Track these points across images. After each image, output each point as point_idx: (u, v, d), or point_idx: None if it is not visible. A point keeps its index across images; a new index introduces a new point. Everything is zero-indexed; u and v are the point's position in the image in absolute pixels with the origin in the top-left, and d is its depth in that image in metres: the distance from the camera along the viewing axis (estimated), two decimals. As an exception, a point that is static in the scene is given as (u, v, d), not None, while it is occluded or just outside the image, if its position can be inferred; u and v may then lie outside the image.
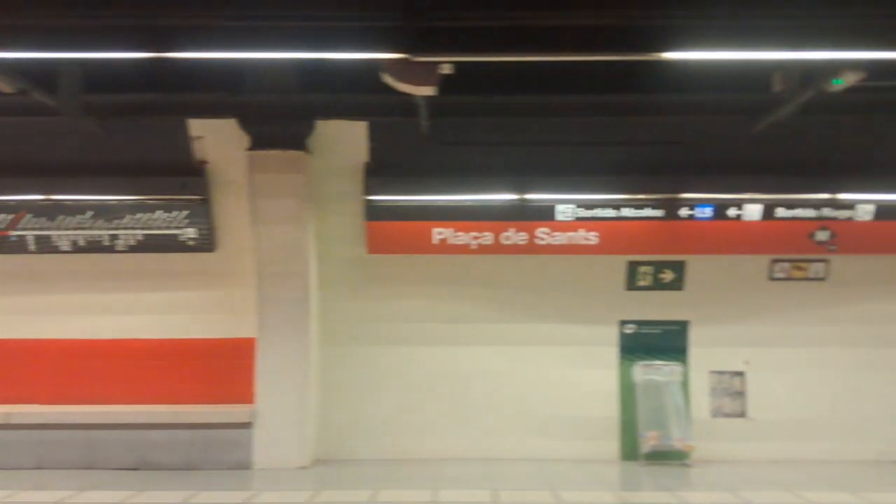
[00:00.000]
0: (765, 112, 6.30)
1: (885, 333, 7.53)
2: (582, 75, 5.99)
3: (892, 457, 7.43)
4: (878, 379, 7.55)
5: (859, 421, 7.52)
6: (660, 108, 6.67)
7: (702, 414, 7.59)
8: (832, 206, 7.13)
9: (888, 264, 7.46)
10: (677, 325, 7.67)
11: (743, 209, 7.13)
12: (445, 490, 6.01)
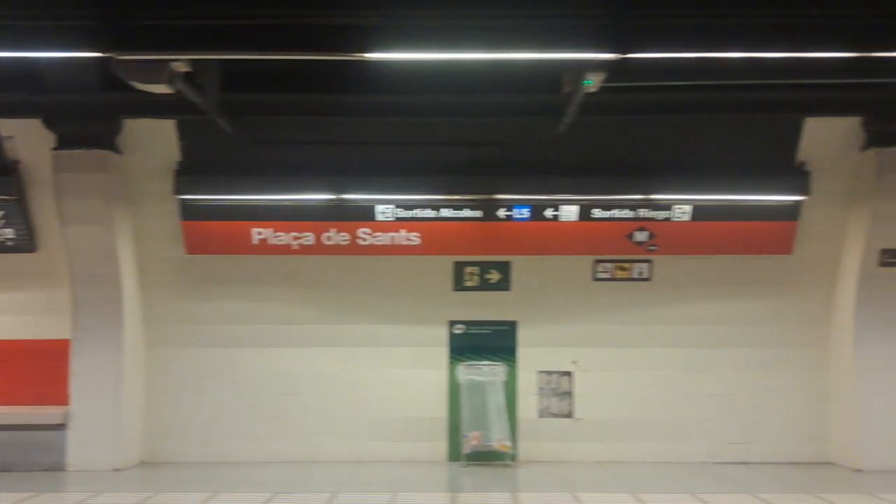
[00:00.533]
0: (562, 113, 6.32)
1: (711, 333, 7.55)
2: (394, 76, 6.00)
3: (718, 458, 7.44)
4: (705, 379, 7.56)
5: (686, 422, 7.53)
6: (471, 109, 6.67)
7: (529, 414, 7.58)
8: (649, 207, 7.16)
9: (711, 265, 7.49)
10: (506, 325, 7.65)
11: (560, 210, 7.15)
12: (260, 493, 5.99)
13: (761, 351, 7.52)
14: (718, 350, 7.56)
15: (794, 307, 7.48)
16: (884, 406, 6.99)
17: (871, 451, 6.96)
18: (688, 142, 7.05)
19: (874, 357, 7.02)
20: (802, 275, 7.43)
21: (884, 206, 6.84)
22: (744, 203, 7.11)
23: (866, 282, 7.03)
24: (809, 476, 6.85)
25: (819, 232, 7.28)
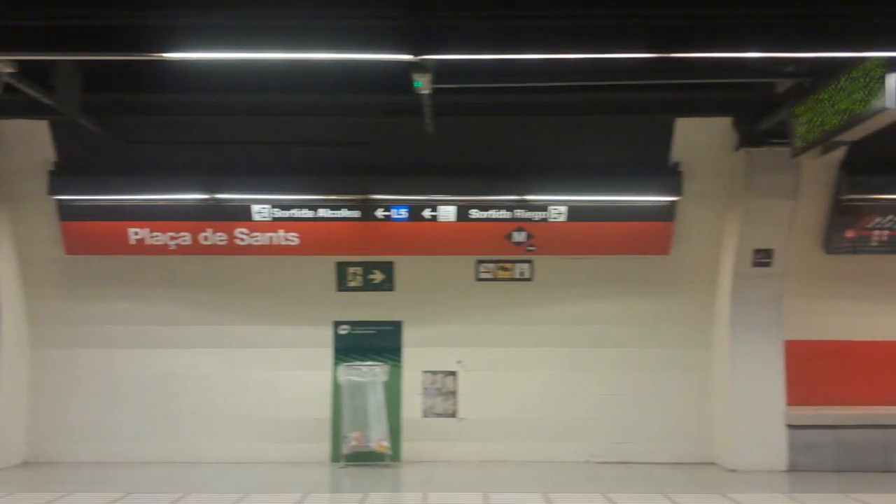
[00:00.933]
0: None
1: (594, 333, 7.56)
2: (263, 76, 5.98)
3: (601, 458, 7.45)
4: (589, 379, 7.57)
5: (569, 421, 7.54)
6: (341, 108, 6.65)
7: (413, 414, 7.59)
8: (525, 208, 7.16)
9: (593, 265, 7.50)
10: (391, 325, 7.65)
11: (438, 211, 7.16)
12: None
13: (644, 351, 7.53)
14: (602, 350, 7.57)
15: (675, 307, 7.50)
16: (757, 406, 7.00)
17: (744, 451, 6.98)
18: (563, 143, 7.06)
19: (748, 357, 7.04)
20: (682, 275, 7.45)
21: (754, 207, 6.86)
22: (619, 204, 7.12)
23: (741, 282, 7.05)
24: (677, 476, 6.85)
25: (696, 232, 7.30)
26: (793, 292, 7.34)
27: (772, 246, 6.98)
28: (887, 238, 7.19)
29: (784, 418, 7.00)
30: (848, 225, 7.16)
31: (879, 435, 7.00)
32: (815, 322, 7.41)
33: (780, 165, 6.79)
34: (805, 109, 5.57)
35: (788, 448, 6.99)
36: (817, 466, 6.96)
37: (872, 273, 7.37)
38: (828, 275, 7.39)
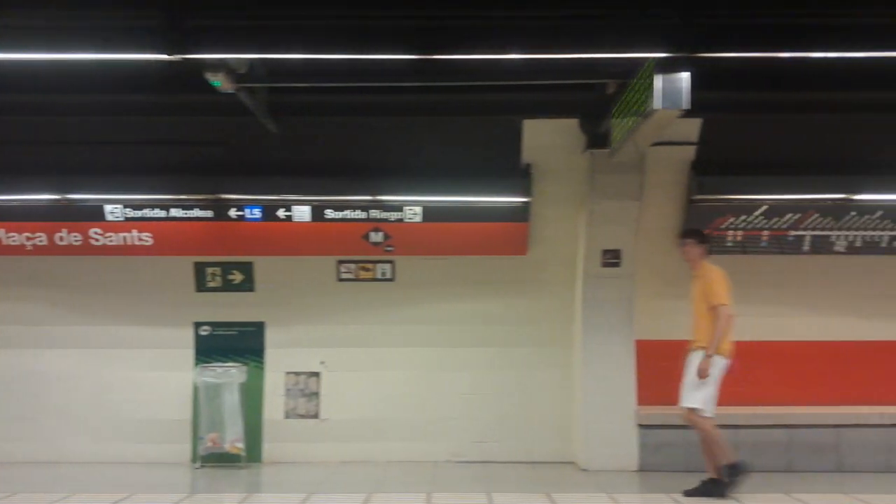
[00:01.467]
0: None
1: (457, 333, 7.57)
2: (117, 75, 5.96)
3: (463, 457, 7.47)
4: (453, 379, 7.57)
5: (433, 421, 7.55)
6: (187, 108, 6.63)
7: (276, 415, 7.58)
8: (380, 209, 7.17)
9: (455, 265, 7.52)
10: (253, 326, 7.63)
11: (292, 210, 7.15)
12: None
13: (507, 350, 7.55)
14: (465, 349, 7.58)
15: (536, 307, 7.53)
16: (608, 405, 7.03)
17: (596, 451, 7.01)
18: (417, 143, 7.06)
19: (599, 356, 7.07)
20: (541, 275, 7.49)
21: (599, 208, 6.90)
22: (472, 204, 7.14)
23: (591, 282, 7.09)
24: (524, 475, 6.87)
25: (553, 233, 7.34)
26: (649, 292, 7.39)
27: (619, 246, 7.02)
28: (742, 238, 7.24)
29: (635, 418, 7.04)
30: (702, 225, 7.16)
31: (729, 434, 7.01)
32: (671, 322, 7.40)
33: (624, 166, 6.83)
34: (617, 111, 5.62)
35: (640, 448, 7.02)
36: (668, 466, 6.96)
37: (728, 273, 7.38)
38: (683, 275, 7.39)
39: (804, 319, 7.46)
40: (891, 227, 7.13)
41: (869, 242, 7.20)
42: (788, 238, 7.20)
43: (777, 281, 7.43)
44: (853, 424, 7.00)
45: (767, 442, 7.00)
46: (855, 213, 7.09)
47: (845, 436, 6.99)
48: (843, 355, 7.44)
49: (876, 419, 6.99)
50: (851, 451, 6.97)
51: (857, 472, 6.86)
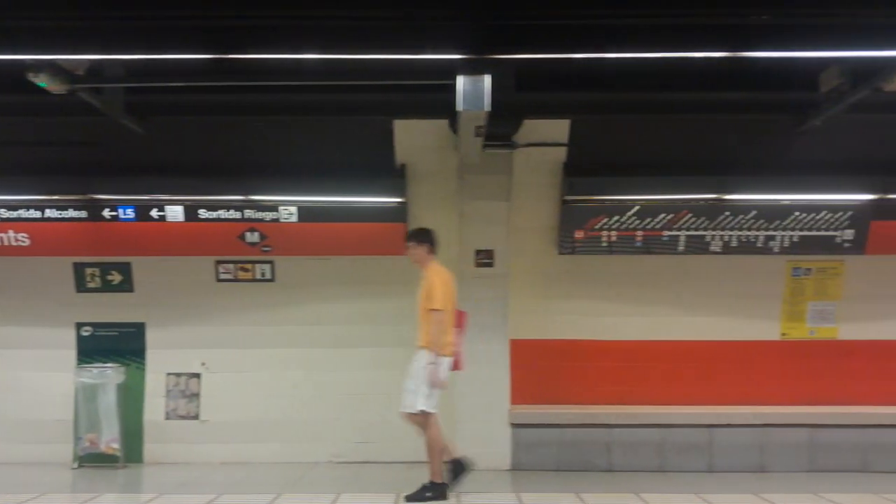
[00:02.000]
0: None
1: (339, 334, 7.56)
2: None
3: (344, 458, 7.46)
4: (334, 379, 7.56)
5: (314, 422, 7.53)
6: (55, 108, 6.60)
7: (156, 416, 7.56)
8: (255, 208, 7.16)
9: (335, 265, 7.50)
10: (133, 326, 7.60)
11: (165, 210, 7.13)
12: None
13: (388, 350, 7.45)
14: (347, 350, 7.56)
15: (407, 307, 7.48)
16: (482, 405, 7.04)
17: (470, 450, 6.96)
18: (291, 143, 7.06)
19: (474, 356, 6.99)
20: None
21: (469, 208, 6.94)
22: (348, 205, 7.14)
23: (466, 282, 7.07)
24: (395, 475, 6.83)
25: (430, 233, 7.34)
26: (526, 292, 7.43)
27: (492, 247, 7.04)
28: (616, 239, 7.26)
29: (508, 417, 7.05)
30: (576, 226, 7.22)
31: (603, 434, 7.06)
32: (548, 321, 7.48)
33: (493, 167, 6.88)
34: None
35: (512, 447, 7.04)
36: (541, 465, 7.01)
37: (604, 273, 7.44)
38: (560, 275, 7.46)
39: (681, 319, 7.50)
40: (765, 226, 7.16)
41: (744, 242, 7.23)
42: (663, 238, 7.22)
43: (654, 281, 7.47)
44: (725, 424, 7.03)
45: (641, 442, 7.04)
46: (729, 213, 7.13)
47: (718, 436, 7.03)
48: (719, 355, 7.49)
49: (748, 419, 7.03)
50: (723, 451, 7.01)
51: (727, 472, 6.90)
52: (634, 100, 6.64)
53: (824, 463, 6.96)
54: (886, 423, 6.99)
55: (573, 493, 5.94)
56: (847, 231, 7.16)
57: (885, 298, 7.46)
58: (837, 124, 6.72)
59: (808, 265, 7.46)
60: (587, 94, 6.57)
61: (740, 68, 5.95)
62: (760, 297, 7.50)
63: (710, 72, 6.13)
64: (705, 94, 6.48)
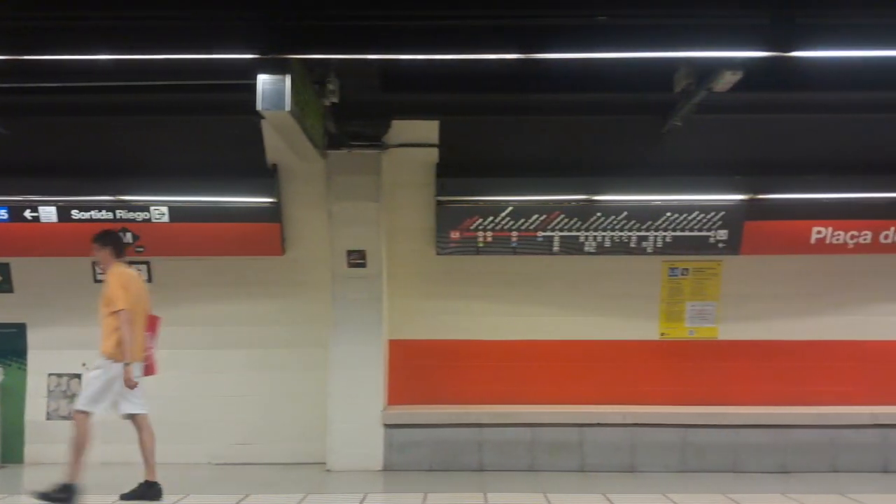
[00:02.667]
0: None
1: (220, 335, 7.55)
2: None
3: (222, 460, 7.46)
4: (217, 380, 7.56)
5: (195, 423, 7.51)
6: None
7: (38, 416, 7.55)
8: (126, 209, 7.16)
9: (213, 266, 7.49)
10: (14, 327, 7.60)
11: (38, 211, 7.13)
12: None
13: (268, 351, 7.54)
14: (228, 351, 7.55)
15: (296, 308, 7.52)
16: (355, 405, 7.03)
17: (342, 451, 7.00)
18: (161, 143, 7.04)
19: (348, 356, 7.06)
20: (300, 276, 7.48)
21: (338, 209, 6.93)
22: (220, 204, 7.13)
23: (340, 282, 7.10)
24: (269, 476, 6.86)
25: (308, 234, 7.34)
26: (406, 293, 7.46)
27: (364, 247, 7.02)
28: (492, 239, 7.27)
29: (381, 418, 7.06)
30: (452, 226, 7.23)
31: (475, 433, 7.07)
32: (428, 322, 7.50)
33: (361, 167, 6.90)
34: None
35: (385, 447, 7.04)
36: (413, 466, 7.00)
37: (481, 274, 7.46)
38: (439, 275, 7.48)
39: (559, 319, 7.52)
40: (638, 227, 7.19)
41: (618, 243, 7.25)
42: (538, 238, 7.24)
43: (531, 282, 7.49)
44: (596, 424, 7.05)
45: (512, 441, 7.05)
46: (600, 214, 7.16)
47: (589, 435, 7.05)
48: (597, 355, 7.51)
49: (619, 418, 7.05)
50: (594, 450, 7.02)
51: (597, 472, 6.91)
52: (502, 101, 6.68)
53: (696, 463, 6.98)
54: (757, 423, 7.01)
55: (421, 493, 5.95)
56: (721, 231, 7.19)
57: (762, 298, 7.48)
58: (709, 125, 6.80)
59: (685, 265, 7.49)
60: (455, 96, 6.61)
61: (604, 69, 5.97)
62: (638, 297, 7.52)
63: (578, 73, 6.15)
64: (572, 96, 6.52)
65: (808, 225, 7.17)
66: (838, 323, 7.45)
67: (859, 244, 7.21)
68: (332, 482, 6.61)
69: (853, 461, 6.93)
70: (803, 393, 7.42)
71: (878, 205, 7.09)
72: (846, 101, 6.36)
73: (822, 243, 7.21)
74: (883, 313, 7.43)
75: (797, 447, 6.96)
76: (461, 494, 5.98)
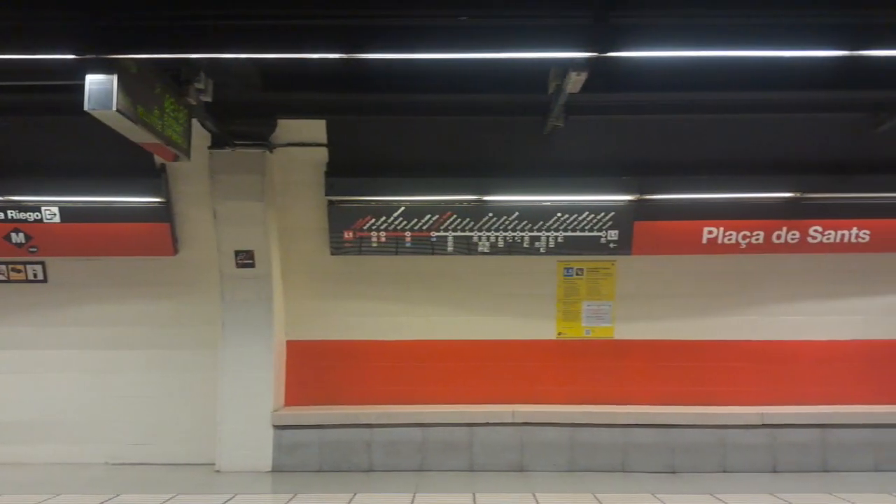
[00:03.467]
0: None
1: (116, 335, 7.51)
2: None
3: (120, 460, 7.44)
4: (112, 381, 7.52)
5: (92, 423, 7.49)
6: None
7: None
8: (18, 209, 7.13)
9: (107, 266, 7.45)
10: None
11: (-68, 213, 7.10)
12: None
13: (163, 352, 7.50)
14: (124, 352, 7.52)
15: (189, 308, 7.47)
16: (244, 407, 7.02)
17: (231, 452, 7.00)
18: (53, 144, 6.99)
19: (238, 357, 7.06)
20: (192, 276, 7.43)
21: (223, 208, 6.90)
22: (111, 204, 7.10)
23: (229, 283, 7.08)
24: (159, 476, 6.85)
25: (200, 234, 7.29)
26: (301, 293, 7.45)
27: (252, 247, 7.00)
28: (386, 239, 7.25)
29: (270, 419, 7.04)
30: (344, 226, 7.21)
31: (365, 434, 7.06)
32: (324, 322, 7.48)
33: (245, 167, 6.86)
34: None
35: (274, 449, 7.02)
36: (302, 467, 7.00)
37: (378, 274, 7.44)
38: (335, 276, 7.45)
39: (455, 319, 7.50)
40: (529, 227, 7.19)
41: (510, 243, 7.24)
42: (431, 239, 7.23)
43: (427, 282, 7.47)
44: (485, 423, 7.05)
45: (402, 441, 7.04)
46: (492, 214, 7.15)
47: (479, 434, 7.05)
48: (493, 354, 7.50)
49: (509, 418, 7.05)
50: (484, 449, 7.02)
51: (486, 472, 6.92)
52: (389, 101, 6.63)
53: (585, 463, 6.99)
54: (646, 422, 7.01)
55: (291, 494, 5.94)
56: (612, 232, 7.19)
57: (657, 298, 7.48)
58: (593, 126, 6.81)
59: (580, 265, 7.49)
60: (340, 95, 6.57)
61: (487, 71, 5.97)
62: (535, 297, 7.51)
63: (464, 73, 6.14)
64: (459, 96, 6.48)
65: (699, 225, 7.17)
66: (733, 323, 7.46)
67: (752, 244, 7.21)
68: (215, 483, 6.59)
69: (742, 461, 6.96)
70: (698, 393, 7.43)
71: (770, 205, 7.10)
72: (722, 102, 6.36)
73: (715, 243, 7.21)
74: (776, 314, 7.44)
75: (686, 447, 6.98)
76: (327, 495, 5.98)
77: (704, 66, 5.56)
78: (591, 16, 4.42)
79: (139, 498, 5.96)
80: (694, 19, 4.44)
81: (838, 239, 7.18)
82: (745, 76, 5.99)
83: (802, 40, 4.48)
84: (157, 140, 5.20)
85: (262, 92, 6.51)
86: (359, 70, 6.27)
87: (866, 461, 6.96)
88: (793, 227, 7.16)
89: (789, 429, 7.00)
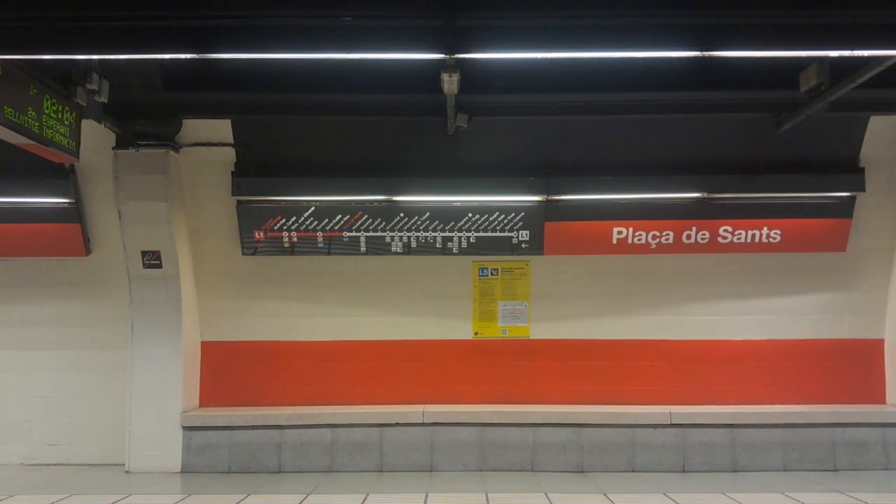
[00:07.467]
0: None
1: (29, 336, 7.49)
2: None
3: (36, 461, 7.42)
4: (26, 382, 7.50)
5: (7, 424, 7.48)
6: None
7: None
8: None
9: (20, 267, 7.46)
10: None
11: None
12: None
13: (81, 353, 7.46)
14: (41, 352, 7.48)
15: (101, 309, 7.40)
16: (153, 407, 7.00)
17: (140, 453, 6.97)
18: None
19: (146, 358, 7.03)
20: (104, 276, 7.39)
21: (127, 209, 6.86)
22: (17, 205, 7.10)
23: (137, 283, 7.05)
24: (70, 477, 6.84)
25: (109, 234, 7.26)
26: (215, 294, 7.44)
27: (158, 248, 6.95)
28: (298, 240, 7.24)
29: (180, 420, 7.02)
30: (255, 226, 7.20)
31: (275, 435, 7.05)
32: (239, 323, 7.46)
33: (148, 167, 6.83)
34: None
35: (183, 450, 7.01)
36: (211, 468, 6.98)
37: (291, 274, 7.42)
38: (247, 276, 7.44)
39: (370, 320, 7.49)
40: (441, 228, 7.18)
41: (423, 244, 7.24)
42: (344, 239, 7.22)
43: (341, 282, 7.47)
44: (396, 423, 7.05)
45: (312, 442, 7.03)
46: (403, 214, 7.15)
47: (388, 435, 7.05)
48: (408, 354, 7.48)
49: (419, 418, 7.05)
50: (393, 450, 7.02)
51: (395, 472, 6.92)
52: (295, 101, 6.62)
53: (494, 462, 7.00)
54: (556, 421, 7.02)
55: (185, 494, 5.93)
56: (523, 232, 7.20)
57: (571, 298, 7.48)
58: (497, 127, 6.81)
59: (495, 265, 7.49)
60: (244, 95, 6.56)
61: (392, 71, 5.96)
62: (451, 297, 7.51)
63: (371, 74, 6.17)
64: (364, 96, 6.49)
65: (609, 226, 7.17)
66: (646, 322, 7.46)
67: (661, 244, 7.22)
68: (118, 483, 6.56)
69: (652, 461, 6.97)
70: (611, 392, 7.44)
71: (679, 205, 7.12)
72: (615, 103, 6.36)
73: (625, 244, 7.22)
74: (688, 313, 7.45)
75: (596, 446, 6.99)
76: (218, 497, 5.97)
77: (595, 67, 5.61)
78: (443, 17, 4.40)
79: (31, 499, 5.94)
80: (549, 20, 4.43)
81: (749, 239, 7.20)
82: (634, 78, 6.02)
83: (660, 41, 4.48)
84: (30, 141, 5.16)
85: (164, 92, 6.52)
86: (261, 70, 6.28)
87: (775, 461, 6.98)
88: (702, 228, 7.17)
89: (699, 428, 7.02)
